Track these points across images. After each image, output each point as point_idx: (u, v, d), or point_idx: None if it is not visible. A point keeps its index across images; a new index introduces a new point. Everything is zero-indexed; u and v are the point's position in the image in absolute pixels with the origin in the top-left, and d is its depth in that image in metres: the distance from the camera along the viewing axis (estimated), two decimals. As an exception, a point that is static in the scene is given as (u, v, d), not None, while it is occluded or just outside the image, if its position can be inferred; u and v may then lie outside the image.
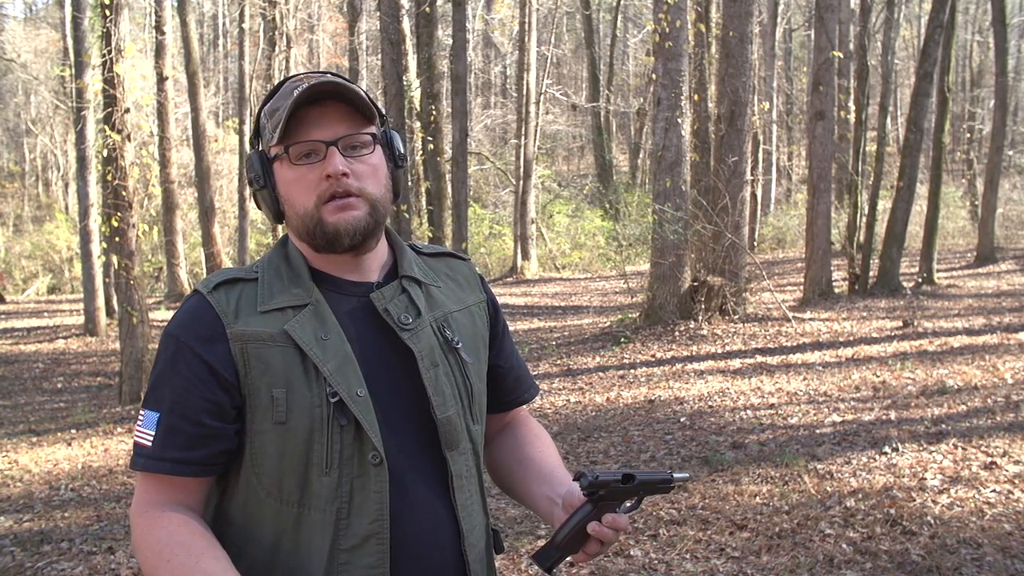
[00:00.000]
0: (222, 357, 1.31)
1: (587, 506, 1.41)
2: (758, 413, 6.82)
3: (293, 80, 1.41)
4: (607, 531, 1.39)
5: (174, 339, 1.34)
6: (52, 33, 30.39)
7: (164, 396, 1.32)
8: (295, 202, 1.38)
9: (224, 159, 24.13)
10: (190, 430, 1.30)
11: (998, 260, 16.38)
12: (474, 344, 1.51)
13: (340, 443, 1.31)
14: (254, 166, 1.41)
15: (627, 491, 1.43)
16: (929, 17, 13.11)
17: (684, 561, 4.11)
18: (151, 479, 1.32)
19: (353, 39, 16.76)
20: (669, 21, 10.38)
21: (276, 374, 1.31)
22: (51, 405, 10.03)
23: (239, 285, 1.38)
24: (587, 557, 1.45)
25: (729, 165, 11.12)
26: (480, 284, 1.60)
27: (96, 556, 4.73)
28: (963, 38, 30.24)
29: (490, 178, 27.47)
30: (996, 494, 4.68)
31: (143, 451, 1.31)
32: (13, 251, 26.34)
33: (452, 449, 1.41)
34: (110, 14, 8.93)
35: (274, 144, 1.37)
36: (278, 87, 1.43)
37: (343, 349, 1.35)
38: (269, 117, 1.40)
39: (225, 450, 1.32)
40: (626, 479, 1.41)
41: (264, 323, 1.33)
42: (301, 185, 1.37)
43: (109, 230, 9.22)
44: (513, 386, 1.63)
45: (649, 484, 1.46)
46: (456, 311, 1.50)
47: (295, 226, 1.41)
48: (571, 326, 12.79)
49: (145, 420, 1.32)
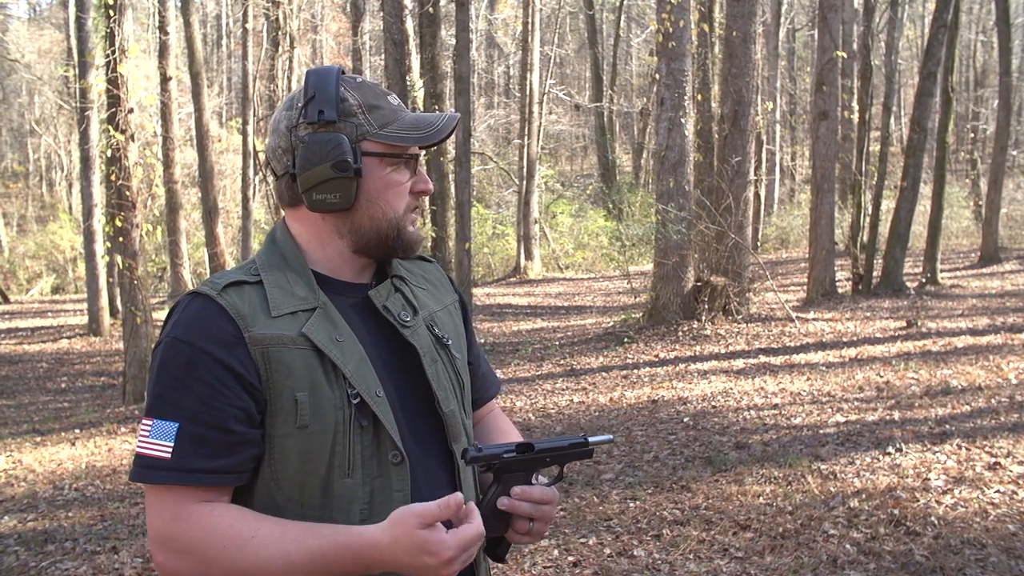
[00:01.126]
0: (244, 361, 1.28)
1: (493, 484, 1.40)
2: (761, 413, 6.82)
3: (372, 82, 1.44)
4: (520, 504, 1.38)
5: (187, 345, 1.28)
6: (56, 33, 30.46)
7: (182, 404, 1.27)
8: (387, 204, 1.40)
9: (227, 159, 24.14)
10: (218, 438, 1.26)
11: (1002, 260, 16.35)
12: (458, 341, 1.55)
13: (361, 444, 1.32)
14: (346, 151, 1.35)
15: (529, 461, 1.40)
16: (933, 17, 13.09)
17: (688, 561, 4.10)
18: (174, 492, 1.27)
19: (356, 39, 16.79)
20: (672, 21, 10.38)
21: (299, 377, 1.30)
22: (55, 405, 10.05)
23: (245, 287, 1.35)
24: (523, 537, 1.43)
25: (732, 165, 11.11)
26: (450, 284, 1.64)
27: (100, 556, 4.74)
28: (967, 38, 30.18)
29: (493, 178, 27.46)
30: (1000, 494, 4.67)
31: (160, 463, 1.25)
32: (17, 251, 26.40)
33: (456, 442, 1.44)
34: (114, 14, 8.95)
35: (383, 142, 1.38)
36: (351, 78, 1.42)
37: (358, 350, 1.35)
38: (368, 110, 1.39)
39: (254, 456, 1.30)
40: (522, 449, 1.39)
41: (280, 326, 1.32)
42: (397, 190, 1.40)
43: (113, 230, 9.24)
44: (481, 382, 1.66)
45: (555, 451, 1.43)
46: (438, 310, 1.53)
47: (364, 225, 1.40)
48: (574, 326, 12.78)
49: (155, 430, 1.27)
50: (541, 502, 1.40)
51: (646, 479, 5.41)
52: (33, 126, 31.66)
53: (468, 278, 11.33)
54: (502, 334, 12.82)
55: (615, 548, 4.32)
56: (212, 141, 19.26)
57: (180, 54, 19.65)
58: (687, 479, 5.32)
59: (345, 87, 1.39)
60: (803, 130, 27.71)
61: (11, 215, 30.27)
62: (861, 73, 14.19)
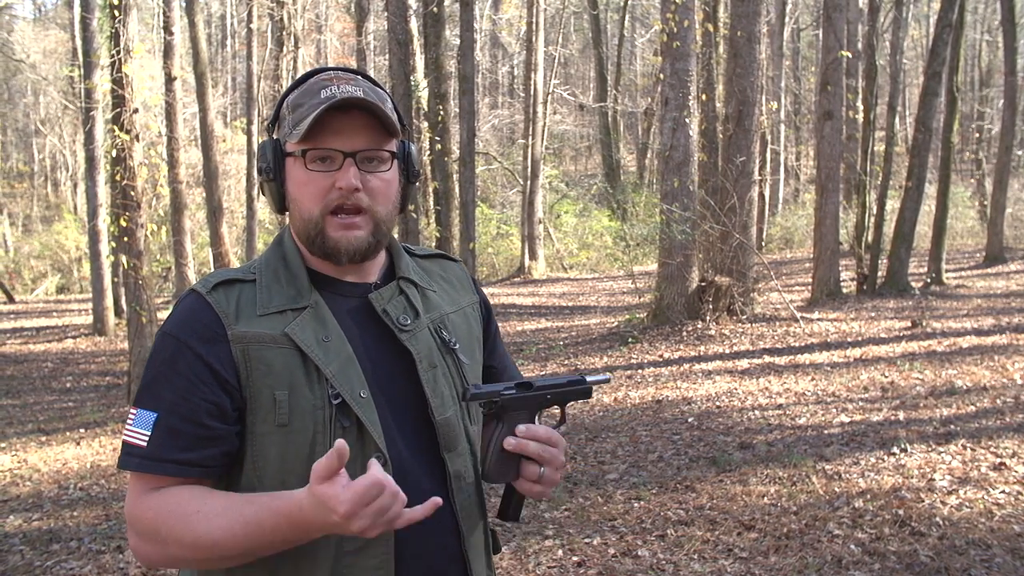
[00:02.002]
0: (223, 358, 1.30)
1: (494, 423, 1.37)
2: (766, 413, 6.81)
3: (323, 77, 1.38)
4: (528, 443, 1.35)
5: (173, 339, 1.31)
6: (61, 34, 30.52)
7: (163, 396, 1.29)
8: (302, 205, 1.37)
9: (232, 159, 24.15)
10: (191, 431, 1.28)
11: (1007, 260, 16.33)
12: (469, 345, 1.52)
13: None
14: (266, 156, 1.38)
15: (530, 399, 1.38)
16: (938, 16, 13.07)
17: (692, 561, 4.10)
18: (146, 479, 1.29)
19: (361, 39, 16.80)
20: (677, 21, 10.37)
21: (278, 376, 1.30)
22: (60, 404, 10.07)
23: (237, 286, 1.37)
24: (536, 487, 1.38)
25: (737, 165, 11.10)
26: (472, 285, 1.61)
27: (105, 555, 4.75)
28: (972, 37, 30.12)
29: (497, 178, 27.46)
30: (1005, 495, 4.66)
31: (137, 450, 1.28)
32: (22, 251, 26.46)
33: (451, 450, 1.41)
34: (119, 15, 8.96)
35: (293, 142, 1.35)
36: (305, 78, 1.41)
37: (345, 350, 1.35)
38: (291, 111, 1.37)
39: (226, 452, 1.31)
40: (522, 387, 1.38)
41: (264, 325, 1.32)
42: (311, 190, 1.36)
43: (118, 230, 9.24)
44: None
45: (556, 388, 1.41)
46: (451, 312, 1.51)
47: (297, 227, 1.40)
48: (578, 326, 12.78)
49: (138, 419, 1.30)
50: (548, 442, 1.37)
51: (650, 479, 5.41)
52: (38, 126, 31.75)
53: (472, 278, 11.32)
54: (506, 334, 12.83)
55: (619, 548, 4.32)
56: (216, 141, 19.27)
57: (185, 54, 19.67)
58: (691, 479, 5.32)
59: (298, 89, 1.39)
60: (807, 130, 27.69)
61: (16, 215, 30.35)
62: (866, 73, 14.17)
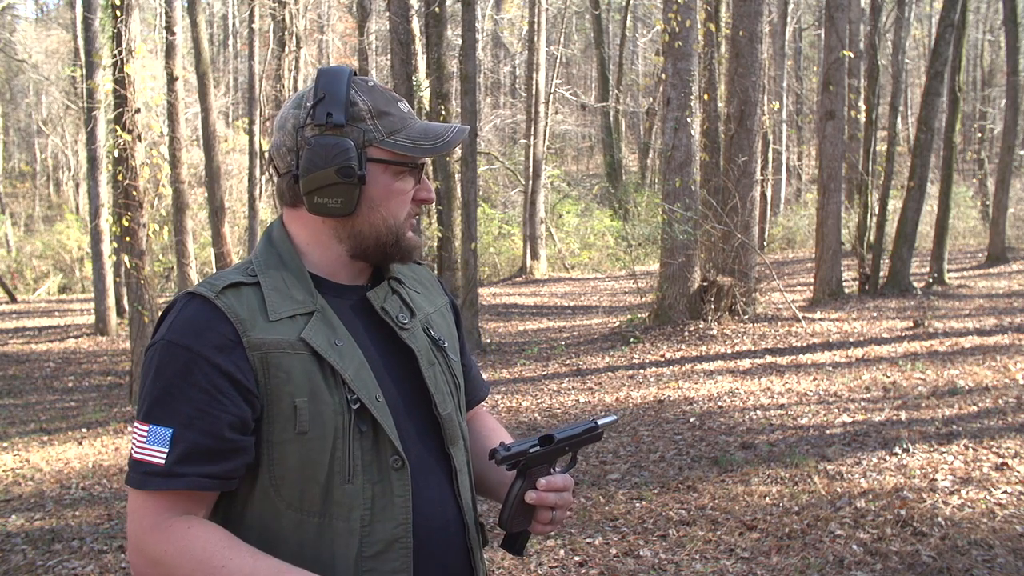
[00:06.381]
0: (241, 366, 1.26)
1: (517, 480, 1.43)
2: (768, 413, 6.81)
3: (381, 87, 1.40)
4: (547, 495, 1.41)
5: (185, 350, 1.25)
6: (63, 34, 30.51)
7: (178, 410, 1.24)
8: (389, 212, 1.39)
9: (234, 159, 24.15)
10: (212, 444, 1.24)
11: (1009, 260, 16.30)
12: (452, 344, 1.54)
13: (361, 449, 1.30)
14: (352, 157, 1.33)
15: (551, 452, 1.44)
16: (940, 16, 13.05)
17: (694, 561, 4.10)
18: (162, 496, 1.25)
19: (363, 39, 16.77)
20: (679, 21, 10.36)
21: (298, 383, 1.28)
22: (62, 404, 10.08)
23: (243, 289, 1.32)
24: (546, 527, 1.46)
25: (739, 165, 11.09)
26: (440, 287, 1.64)
27: (107, 555, 4.76)
28: (974, 37, 30.08)
29: (499, 178, 27.44)
30: (1007, 495, 4.65)
31: (155, 468, 1.23)
32: (24, 251, 26.45)
33: (453, 445, 1.43)
34: (121, 15, 8.97)
35: (389, 150, 1.37)
36: (359, 81, 1.39)
37: (357, 354, 1.34)
38: (376, 116, 1.36)
39: (245, 463, 1.28)
40: (544, 441, 1.42)
41: (279, 331, 1.29)
42: (400, 199, 1.40)
43: (120, 230, 9.25)
44: (472, 385, 1.65)
45: (574, 439, 1.47)
46: (432, 312, 1.53)
47: (363, 229, 1.39)
48: (580, 326, 12.78)
49: (151, 436, 1.24)
50: (563, 490, 1.43)
51: (652, 479, 5.41)
52: (40, 126, 31.77)
53: (474, 278, 11.33)
54: (508, 334, 12.83)
55: (621, 548, 4.31)
56: (219, 141, 19.27)
57: (187, 54, 19.67)
58: (693, 479, 5.31)
59: (356, 90, 1.36)
60: (810, 130, 27.66)
61: (18, 215, 30.36)
62: (868, 73, 14.15)
